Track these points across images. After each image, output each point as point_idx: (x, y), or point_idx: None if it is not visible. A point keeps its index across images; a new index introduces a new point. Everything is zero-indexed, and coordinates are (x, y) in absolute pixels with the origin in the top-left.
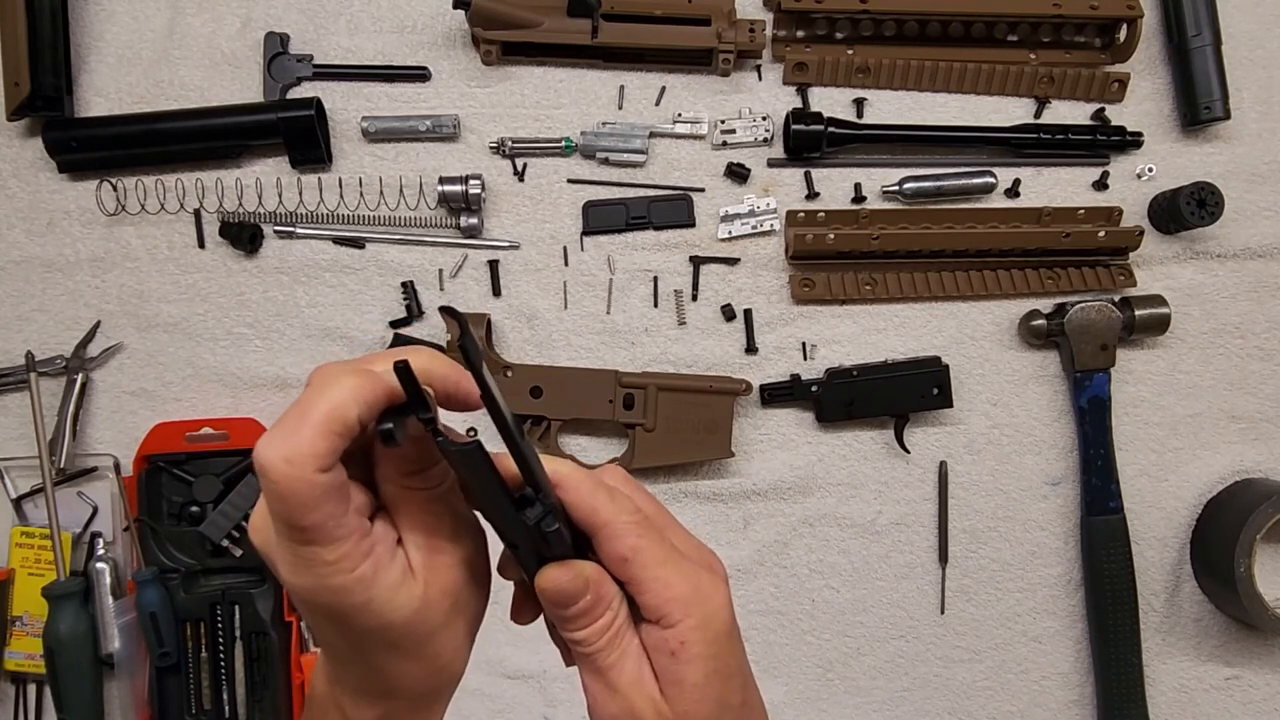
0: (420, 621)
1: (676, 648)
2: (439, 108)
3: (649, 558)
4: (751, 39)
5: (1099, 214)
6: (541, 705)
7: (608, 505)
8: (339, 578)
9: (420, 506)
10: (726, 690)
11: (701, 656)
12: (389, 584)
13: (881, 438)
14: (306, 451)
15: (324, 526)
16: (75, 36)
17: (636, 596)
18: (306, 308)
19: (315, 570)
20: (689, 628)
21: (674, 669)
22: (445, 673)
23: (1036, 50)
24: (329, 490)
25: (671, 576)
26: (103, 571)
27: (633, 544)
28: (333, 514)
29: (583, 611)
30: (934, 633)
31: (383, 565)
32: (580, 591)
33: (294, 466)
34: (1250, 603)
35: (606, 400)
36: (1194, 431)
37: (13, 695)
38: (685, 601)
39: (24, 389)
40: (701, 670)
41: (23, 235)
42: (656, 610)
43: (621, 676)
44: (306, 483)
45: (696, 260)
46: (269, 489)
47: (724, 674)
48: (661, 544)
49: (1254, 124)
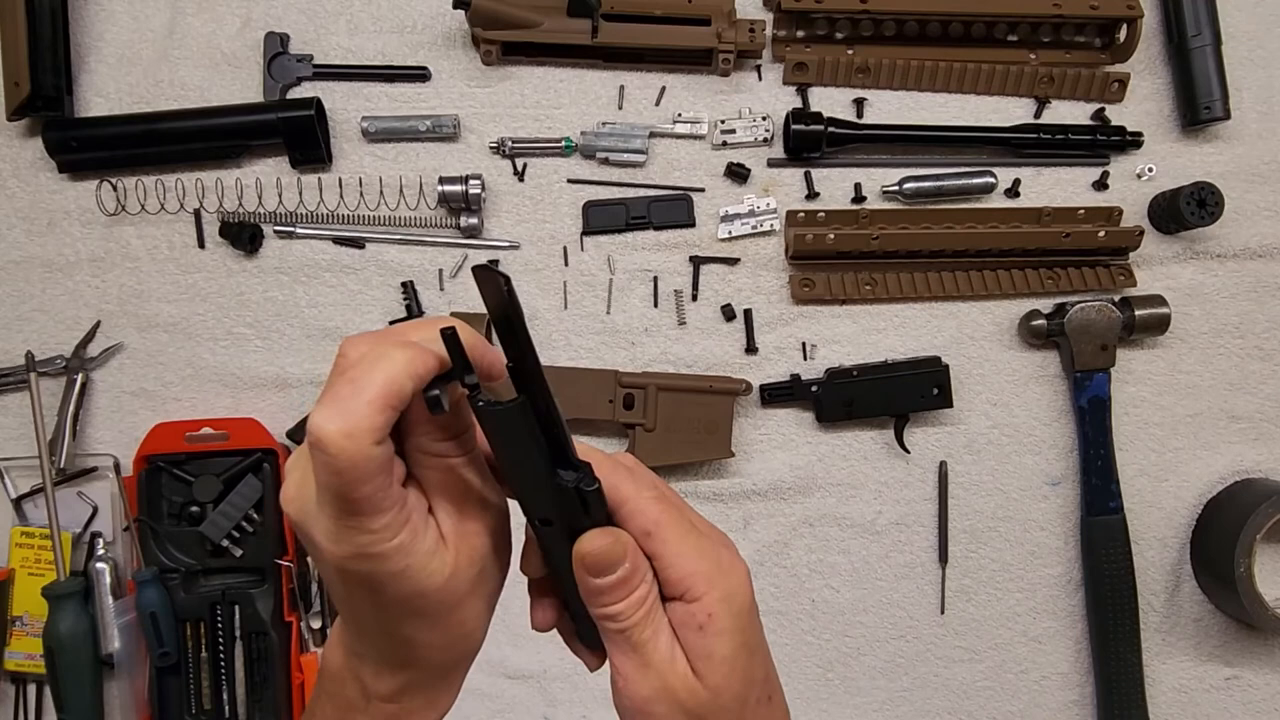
0: (450, 590)
1: (704, 621)
2: (439, 108)
3: (670, 532)
4: (751, 39)
5: (1099, 214)
6: (541, 705)
7: (628, 482)
8: (380, 546)
9: (451, 475)
10: (752, 665)
11: (729, 630)
12: (424, 551)
13: (881, 438)
14: (365, 426)
15: (373, 498)
16: (75, 36)
17: (660, 572)
18: (306, 308)
19: (356, 540)
20: (714, 600)
21: (702, 643)
22: (467, 641)
23: (1036, 50)
24: (383, 463)
25: (693, 551)
26: (103, 571)
27: (655, 518)
28: (382, 485)
29: (621, 581)
30: (934, 633)
31: (419, 533)
32: (620, 557)
33: (352, 440)
34: (1250, 603)
35: (606, 400)
36: (1194, 431)
37: (13, 695)
38: (709, 575)
39: (24, 389)
40: (729, 644)
41: (23, 235)
42: (681, 584)
43: (656, 653)
44: (364, 457)
45: (696, 260)
46: (324, 463)
47: (749, 648)
48: (681, 520)
49: (1254, 124)
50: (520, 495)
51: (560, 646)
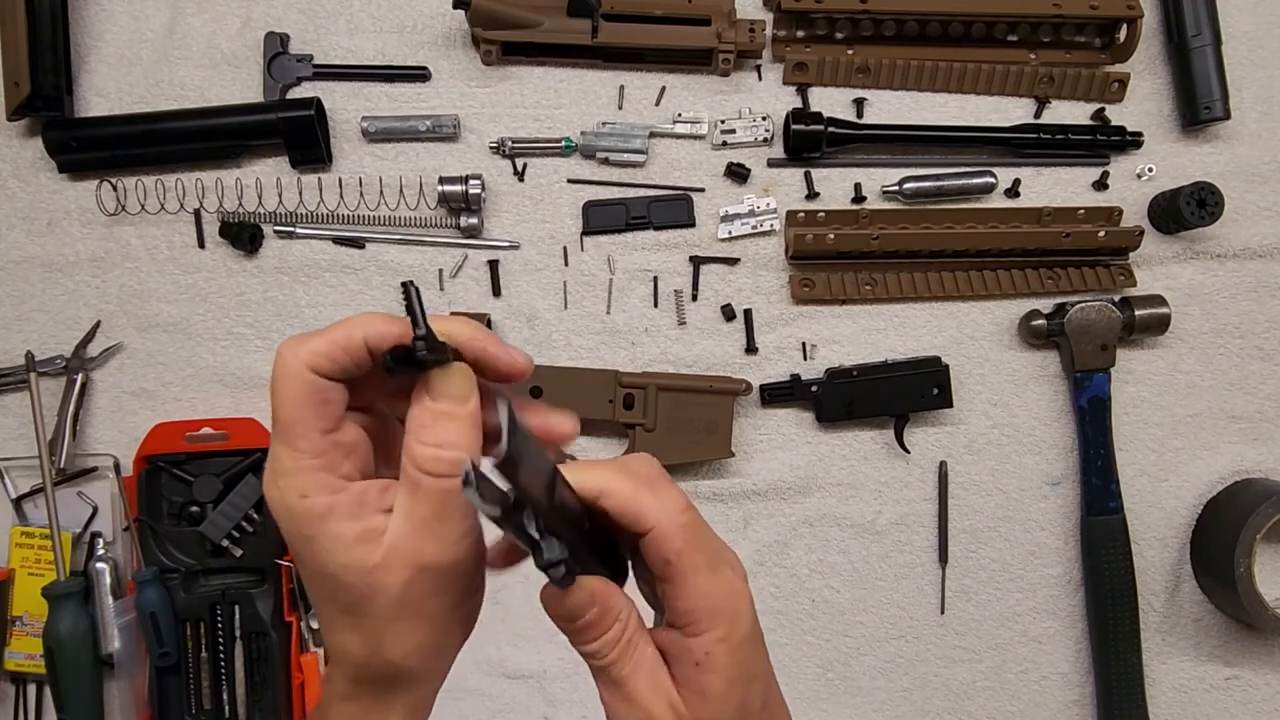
0: (367, 593)
1: (701, 659)
2: (439, 108)
3: (689, 563)
4: (751, 39)
5: (1099, 214)
6: (541, 705)
7: (655, 507)
8: (291, 497)
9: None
10: (749, 695)
11: (725, 665)
12: (338, 534)
13: (881, 438)
14: (307, 349)
15: (293, 427)
16: (75, 36)
17: (669, 600)
18: (306, 308)
19: (277, 481)
20: (714, 639)
21: (697, 678)
22: (393, 666)
23: (1036, 50)
24: (311, 392)
25: (705, 585)
26: (103, 571)
27: (678, 548)
28: (305, 420)
29: (590, 624)
30: (934, 633)
31: (339, 513)
32: (586, 604)
33: (292, 357)
34: (1250, 603)
35: (606, 400)
36: (1194, 431)
37: (13, 695)
38: (714, 612)
39: (24, 389)
40: (725, 679)
41: (23, 235)
42: (686, 616)
43: (638, 687)
44: (294, 377)
45: (696, 260)
46: (272, 377)
47: (746, 679)
48: (704, 549)
49: (1254, 124)
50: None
51: (560, 646)
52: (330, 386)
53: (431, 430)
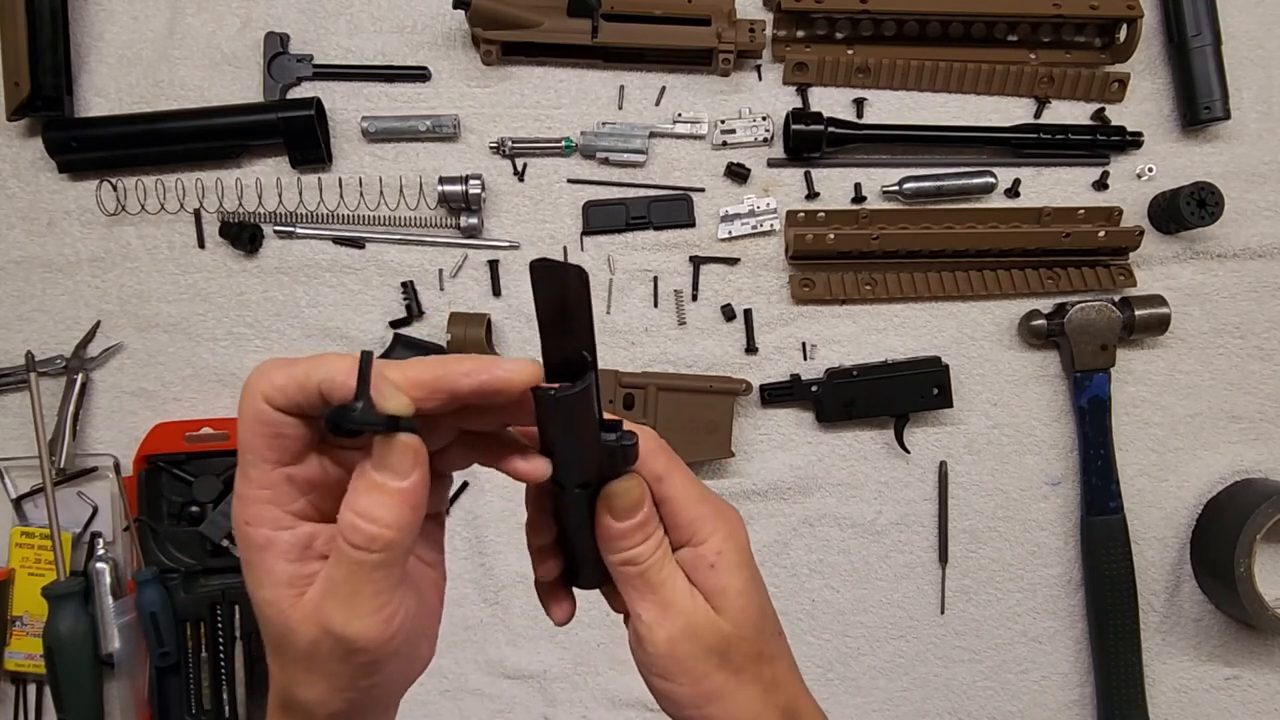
0: (283, 633)
1: (715, 559)
2: (439, 108)
3: (678, 478)
4: (751, 39)
5: (1099, 214)
6: (541, 705)
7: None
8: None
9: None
10: (763, 597)
11: (738, 564)
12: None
13: (881, 438)
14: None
15: (245, 454)
16: (75, 36)
17: (668, 517)
18: (306, 308)
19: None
20: (721, 539)
21: (716, 579)
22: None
23: (1036, 50)
24: (264, 423)
25: (697, 496)
26: (103, 571)
27: (665, 464)
28: (256, 449)
29: (643, 523)
30: (934, 633)
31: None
32: (644, 498)
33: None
34: (1250, 603)
35: (606, 400)
36: (1194, 431)
37: (13, 695)
38: (713, 516)
39: (24, 389)
40: (741, 577)
41: (23, 235)
42: (689, 527)
43: (675, 592)
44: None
45: (696, 260)
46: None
47: (758, 582)
48: (685, 468)
49: (1254, 124)
50: (566, 465)
51: (560, 646)
52: (285, 421)
53: (360, 498)
